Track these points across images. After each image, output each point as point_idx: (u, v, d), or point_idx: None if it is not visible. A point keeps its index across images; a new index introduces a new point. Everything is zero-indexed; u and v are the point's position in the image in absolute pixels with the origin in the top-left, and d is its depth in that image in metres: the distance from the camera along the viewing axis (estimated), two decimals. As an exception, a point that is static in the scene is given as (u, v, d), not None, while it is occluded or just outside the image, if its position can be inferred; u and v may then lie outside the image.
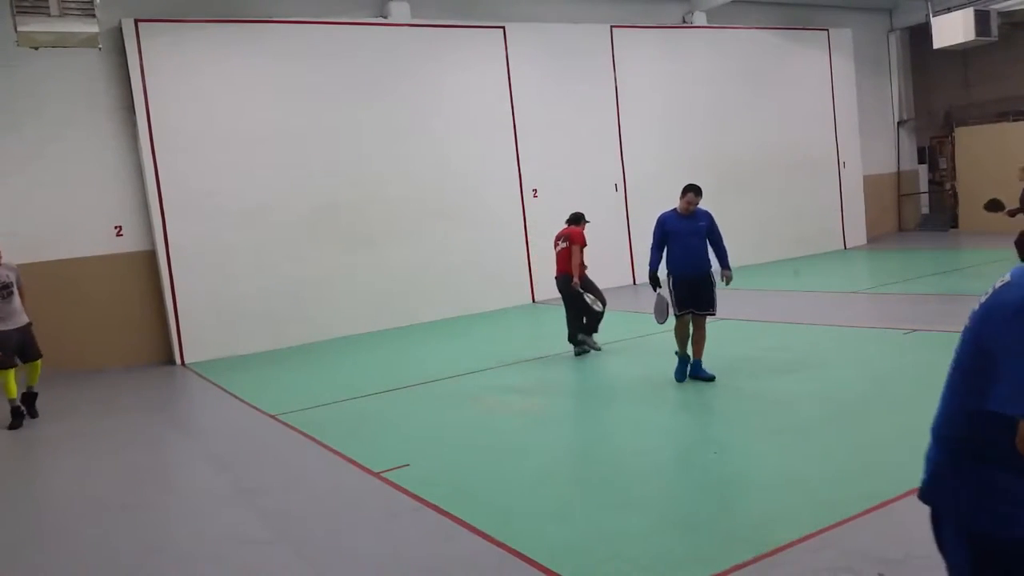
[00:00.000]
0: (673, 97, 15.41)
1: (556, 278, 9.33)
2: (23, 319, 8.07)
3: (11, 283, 7.99)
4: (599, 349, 9.16)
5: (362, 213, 12.42)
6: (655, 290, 7.45)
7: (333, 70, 12.19)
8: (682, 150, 15.40)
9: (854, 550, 3.84)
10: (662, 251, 7.39)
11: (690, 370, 7.42)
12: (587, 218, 9.55)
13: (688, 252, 7.28)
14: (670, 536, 4.29)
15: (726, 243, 7.48)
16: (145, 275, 11.30)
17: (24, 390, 8.20)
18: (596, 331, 9.19)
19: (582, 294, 9.00)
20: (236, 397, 8.79)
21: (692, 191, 7.35)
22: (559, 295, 9.38)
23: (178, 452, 7.20)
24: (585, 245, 9.20)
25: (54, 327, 10.20)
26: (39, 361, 8.26)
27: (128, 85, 10.99)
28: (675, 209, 7.45)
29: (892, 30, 19.06)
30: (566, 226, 9.46)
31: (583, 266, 9.18)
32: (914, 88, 19.59)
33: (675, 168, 15.29)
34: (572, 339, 9.24)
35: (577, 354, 9.12)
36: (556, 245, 9.42)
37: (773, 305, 11.52)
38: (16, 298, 8.05)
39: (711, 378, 7.31)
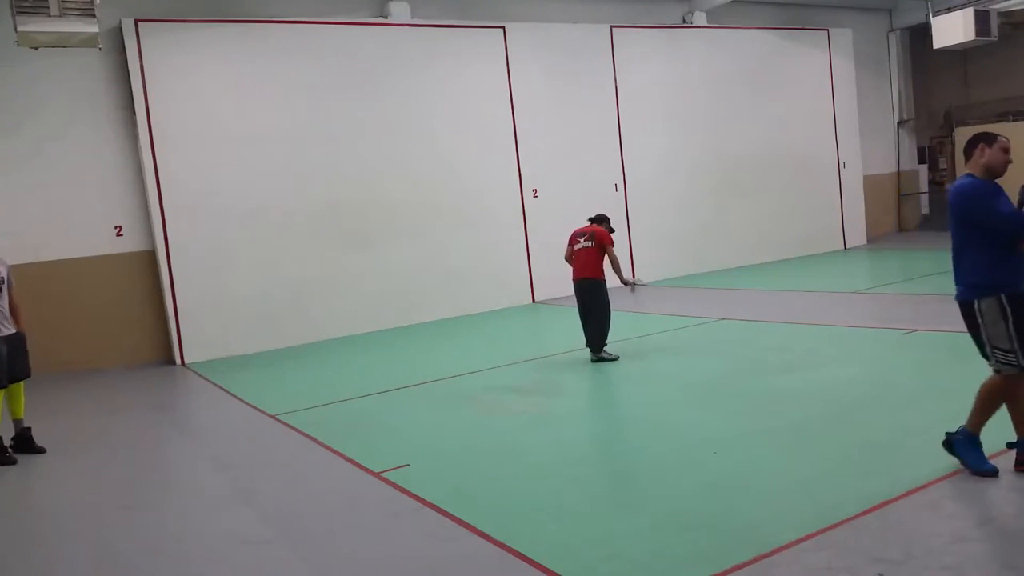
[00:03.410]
0: (673, 97, 15.40)
1: (575, 281, 8.65)
2: (12, 328, 6.78)
3: (1, 278, 6.79)
4: (616, 358, 8.59)
5: (362, 213, 12.42)
6: None
7: (333, 70, 12.19)
8: (682, 150, 15.42)
9: (854, 550, 3.84)
10: None
11: None
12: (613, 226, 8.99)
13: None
14: (670, 536, 4.29)
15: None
16: (145, 275, 11.30)
17: (13, 432, 6.93)
18: (606, 342, 8.67)
19: (634, 285, 9.08)
20: (236, 397, 8.80)
21: (1006, 140, 4.52)
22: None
23: (178, 452, 7.20)
24: (614, 244, 8.68)
25: (54, 327, 10.24)
26: (22, 383, 6.91)
27: (128, 85, 11.00)
28: (970, 175, 4.60)
29: (892, 30, 19.05)
30: (588, 224, 8.85)
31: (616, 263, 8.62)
32: (914, 88, 19.59)
33: (675, 168, 15.37)
34: (593, 346, 8.67)
35: (594, 360, 8.62)
36: (574, 242, 8.68)
37: (773, 305, 11.51)
38: (5, 299, 6.75)
39: None
